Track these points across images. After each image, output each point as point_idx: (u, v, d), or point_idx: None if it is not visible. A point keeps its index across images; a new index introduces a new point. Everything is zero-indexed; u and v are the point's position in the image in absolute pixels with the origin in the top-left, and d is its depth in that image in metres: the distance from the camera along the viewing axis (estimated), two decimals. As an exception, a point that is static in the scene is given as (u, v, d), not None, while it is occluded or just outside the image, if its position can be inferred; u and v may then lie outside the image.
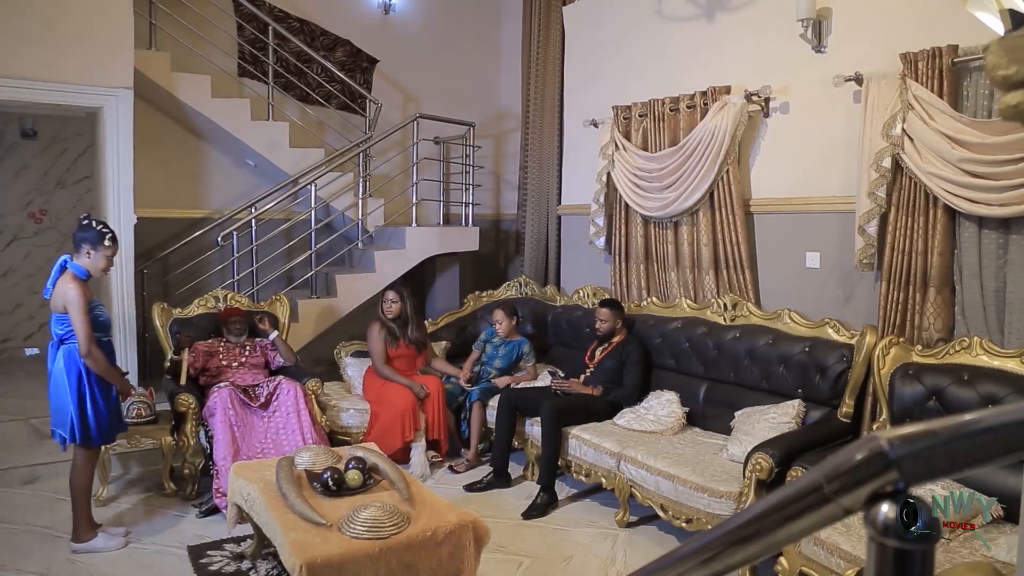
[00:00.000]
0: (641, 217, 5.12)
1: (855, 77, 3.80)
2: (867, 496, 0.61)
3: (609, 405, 4.47)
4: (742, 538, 0.75)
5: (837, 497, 0.64)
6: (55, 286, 3.43)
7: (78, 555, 3.48)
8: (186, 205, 5.95)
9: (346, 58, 6.63)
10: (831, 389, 3.75)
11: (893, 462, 0.60)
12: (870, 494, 0.61)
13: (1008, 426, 0.69)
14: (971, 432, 0.66)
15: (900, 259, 3.67)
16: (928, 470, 0.64)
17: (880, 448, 0.60)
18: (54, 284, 3.45)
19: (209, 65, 5.69)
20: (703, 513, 3.48)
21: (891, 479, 0.60)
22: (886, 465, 0.60)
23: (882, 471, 0.60)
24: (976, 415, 0.66)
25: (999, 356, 3.18)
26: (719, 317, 4.44)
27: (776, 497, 0.71)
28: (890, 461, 0.60)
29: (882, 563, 0.60)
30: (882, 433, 0.61)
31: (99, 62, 4.63)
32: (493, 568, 3.40)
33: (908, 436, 0.62)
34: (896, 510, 0.59)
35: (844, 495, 0.63)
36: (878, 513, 0.60)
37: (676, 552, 0.84)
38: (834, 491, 0.64)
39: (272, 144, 5.84)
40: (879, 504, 0.60)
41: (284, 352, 4.83)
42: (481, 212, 7.01)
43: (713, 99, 4.54)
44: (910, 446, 0.61)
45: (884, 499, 0.60)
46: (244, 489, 3.25)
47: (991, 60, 0.99)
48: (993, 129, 3.23)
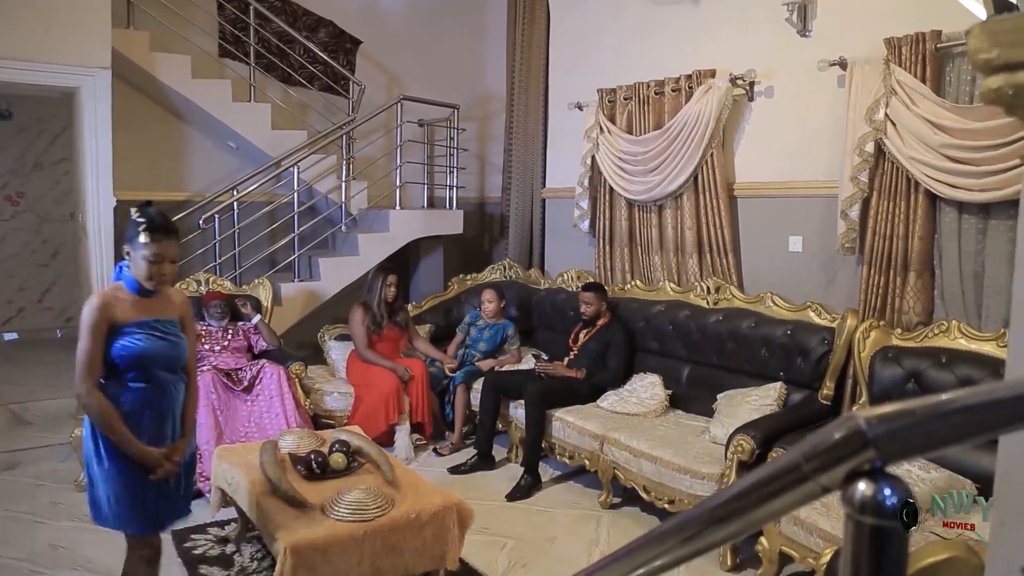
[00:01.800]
0: (625, 200, 5.13)
1: (839, 62, 3.81)
2: (845, 474, 0.62)
3: (593, 388, 4.49)
4: (722, 516, 0.76)
5: (815, 476, 0.64)
6: None
7: (60, 541, 3.47)
8: (167, 188, 5.87)
9: (329, 39, 6.56)
10: (812, 372, 3.78)
11: (871, 441, 0.60)
12: (848, 472, 0.62)
13: (982, 406, 0.70)
14: (947, 411, 0.67)
15: (881, 243, 3.71)
16: (905, 449, 0.64)
17: (858, 427, 0.61)
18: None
19: (189, 45, 5.61)
20: (685, 494, 3.51)
21: (868, 457, 0.60)
22: (864, 444, 0.60)
23: (860, 450, 0.61)
24: (952, 395, 0.67)
25: (976, 339, 3.23)
26: (702, 300, 4.47)
27: (756, 476, 0.72)
28: (868, 440, 0.60)
29: (858, 540, 0.61)
30: (860, 412, 0.62)
31: (76, 41, 4.55)
32: (477, 550, 3.42)
33: (886, 415, 0.62)
34: (873, 488, 0.60)
35: (822, 473, 0.64)
36: (855, 491, 0.61)
37: (657, 531, 0.85)
38: (812, 470, 0.64)
39: (254, 126, 5.78)
40: (856, 482, 0.61)
41: (267, 336, 4.80)
42: (465, 195, 6.98)
43: (698, 83, 4.54)
44: (887, 425, 0.62)
45: (861, 477, 0.61)
46: (228, 473, 3.24)
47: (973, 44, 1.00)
48: (974, 115, 3.26)
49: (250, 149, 5.90)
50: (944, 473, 2.93)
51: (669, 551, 0.83)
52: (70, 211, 6.76)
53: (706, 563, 3.32)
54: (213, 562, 3.29)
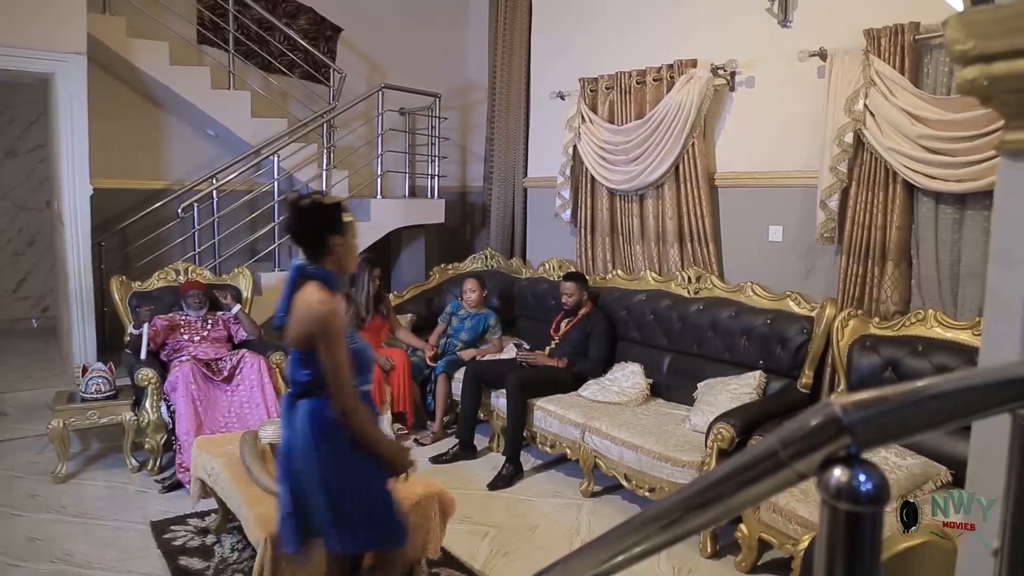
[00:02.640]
0: (607, 190, 5.13)
1: (819, 52, 3.83)
2: (821, 461, 0.63)
3: (574, 377, 4.51)
4: (701, 503, 0.76)
5: (792, 462, 0.65)
6: (292, 304, 2.17)
7: (37, 533, 3.43)
8: (145, 176, 5.81)
9: (309, 26, 6.50)
10: (792, 360, 3.82)
11: (846, 427, 0.61)
12: (824, 459, 0.63)
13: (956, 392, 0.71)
14: (921, 398, 0.68)
15: (860, 233, 3.74)
16: (880, 435, 0.65)
17: (834, 414, 0.61)
18: (289, 302, 2.20)
19: (167, 31, 5.53)
20: (666, 482, 3.54)
21: (844, 444, 0.61)
22: (839, 430, 0.61)
23: (836, 436, 0.61)
24: (926, 382, 0.68)
25: (952, 328, 3.27)
26: (683, 290, 4.49)
27: (734, 463, 0.72)
28: (843, 426, 0.61)
29: (834, 525, 0.62)
30: (836, 399, 0.63)
31: (50, 26, 4.47)
32: (459, 538, 3.43)
33: (861, 402, 0.63)
34: (848, 474, 0.61)
35: (799, 460, 0.64)
36: (831, 477, 0.61)
37: (637, 518, 0.86)
38: (789, 456, 0.65)
39: (233, 114, 5.72)
40: (832, 468, 0.62)
41: (247, 325, 4.77)
42: (447, 184, 6.96)
43: (680, 72, 4.54)
44: (863, 412, 0.62)
45: (837, 464, 0.62)
46: (208, 463, 3.22)
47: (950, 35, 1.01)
48: (951, 106, 3.29)
49: (230, 137, 5.84)
50: (920, 459, 2.97)
51: (649, 538, 0.84)
52: (46, 199, 6.65)
53: (686, 550, 3.35)
54: (193, 553, 3.27)
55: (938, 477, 2.93)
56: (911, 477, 2.88)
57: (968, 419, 0.77)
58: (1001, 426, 0.81)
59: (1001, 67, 0.97)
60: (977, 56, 0.99)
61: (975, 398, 0.74)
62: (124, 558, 3.24)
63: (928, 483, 2.90)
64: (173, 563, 3.18)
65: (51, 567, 3.15)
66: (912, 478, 2.88)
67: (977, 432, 1.09)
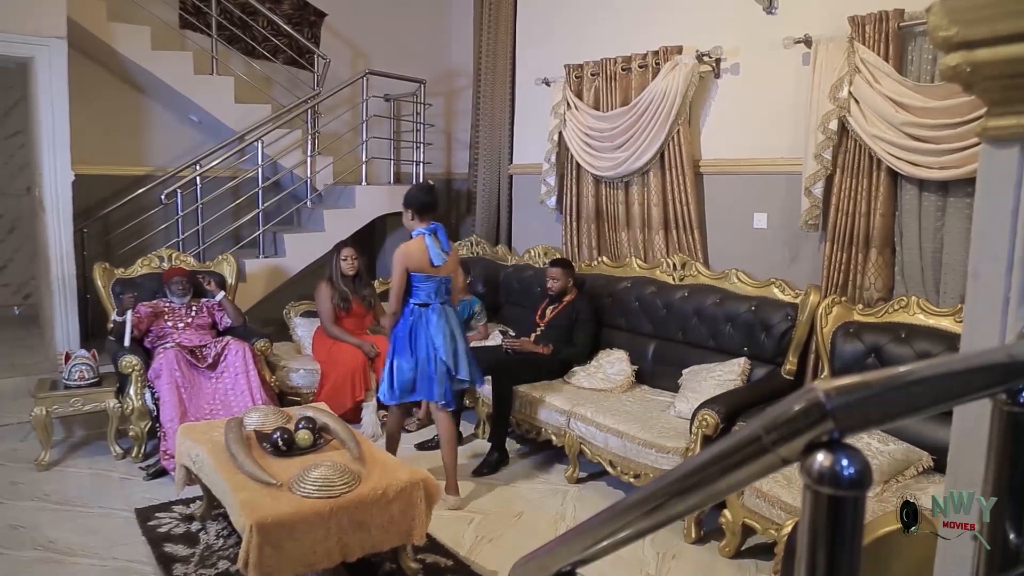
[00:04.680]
0: (592, 177, 5.13)
1: (804, 39, 3.84)
2: (804, 446, 0.63)
3: (560, 364, 4.51)
4: (684, 488, 0.77)
5: (775, 447, 0.65)
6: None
7: (20, 521, 3.41)
8: (127, 162, 5.75)
9: (293, 11, 6.43)
10: (776, 347, 3.84)
11: (829, 412, 0.61)
12: (807, 444, 0.63)
13: (937, 378, 0.71)
14: (903, 384, 0.68)
15: (844, 220, 3.76)
16: (863, 420, 0.66)
17: (817, 399, 0.62)
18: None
19: (148, 15, 5.46)
20: (651, 468, 3.56)
21: (827, 429, 0.61)
22: (822, 415, 0.61)
23: (818, 421, 0.62)
24: (908, 368, 0.69)
25: (935, 315, 3.30)
26: (668, 277, 4.50)
27: (717, 448, 0.73)
28: (826, 411, 0.61)
29: (816, 510, 0.62)
30: (819, 384, 0.63)
31: (29, 9, 4.40)
32: (444, 525, 3.44)
33: (844, 387, 0.63)
34: (831, 459, 0.61)
35: (782, 445, 0.65)
36: (813, 462, 0.62)
37: (621, 503, 0.86)
38: (772, 441, 0.65)
39: (217, 99, 5.66)
40: (815, 453, 0.62)
41: (231, 313, 4.74)
42: (432, 171, 6.93)
43: (665, 59, 4.53)
44: (846, 397, 0.63)
45: (820, 449, 0.62)
46: (192, 450, 3.21)
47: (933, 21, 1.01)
48: (935, 93, 3.31)
49: (213, 123, 5.78)
50: (902, 445, 3.00)
51: (633, 523, 0.84)
52: (26, 186, 6.57)
53: (671, 535, 3.38)
54: (178, 540, 3.26)
55: (920, 462, 2.96)
56: (893, 463, 2.91)
57: (949, 404, 0.77)
58: (982, 412, 0.82)
59: (984, 54, 0.97)
60: (960, 43, 0.99)
61: (956, 384, 0.74)
62: (108, 545, 3.22)
63: (910, 468, 2.94)
64: (158, 550, 3.17)
65: (34, 554, 3.14)
66: (894, 463, 2.91)
67: (958, 418, 1.10)
